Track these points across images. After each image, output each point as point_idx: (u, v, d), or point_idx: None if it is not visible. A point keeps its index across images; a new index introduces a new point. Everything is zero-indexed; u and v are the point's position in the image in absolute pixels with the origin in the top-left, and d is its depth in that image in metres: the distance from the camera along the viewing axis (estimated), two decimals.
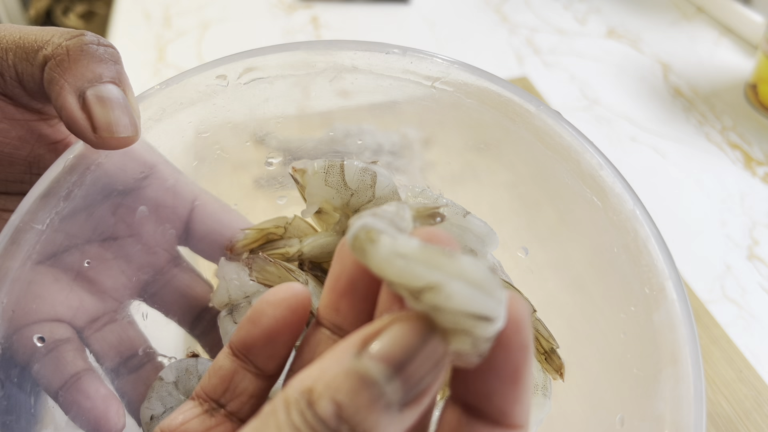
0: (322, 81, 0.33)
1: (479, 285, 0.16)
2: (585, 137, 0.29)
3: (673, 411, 0.26)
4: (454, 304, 0.16)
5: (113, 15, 0.93)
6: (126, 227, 0.35)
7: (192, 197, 0.38)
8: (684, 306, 0.27)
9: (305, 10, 0.94)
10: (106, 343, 0.35)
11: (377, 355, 0.17)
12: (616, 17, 0.94)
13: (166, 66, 0.83)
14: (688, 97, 0.79)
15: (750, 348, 0.52)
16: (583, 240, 0.32)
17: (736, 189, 0.67)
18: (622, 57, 0.86)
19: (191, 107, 0.33)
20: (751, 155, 0.71)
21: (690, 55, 0.86)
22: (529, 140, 0.31)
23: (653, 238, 0.28)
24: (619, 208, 0.29)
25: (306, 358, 0.23)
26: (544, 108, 0.30)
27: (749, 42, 0.86)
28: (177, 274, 0.39)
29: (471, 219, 0.33)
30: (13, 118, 0.31)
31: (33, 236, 0.29)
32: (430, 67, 0.32)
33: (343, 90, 0.37)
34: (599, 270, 0.31)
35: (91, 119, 0.28)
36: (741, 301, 0.56)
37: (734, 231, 0.62)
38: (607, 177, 0.29)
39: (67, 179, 0.30)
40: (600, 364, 0.32)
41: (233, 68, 0.32)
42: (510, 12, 0.95)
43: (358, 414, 0.16)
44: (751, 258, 0.60)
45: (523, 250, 0.36)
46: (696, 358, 0.26)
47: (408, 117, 0.41)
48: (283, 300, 0.22)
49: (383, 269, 0.17)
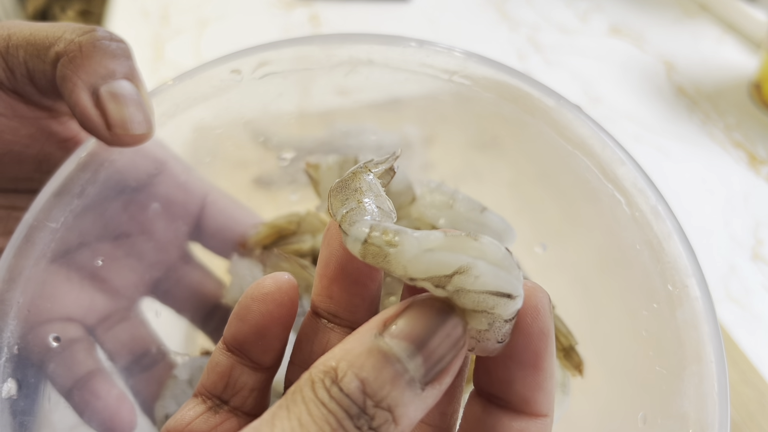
0: (337, 75, 0.33)
1: (501, 264, 0.17)
2: (606, 132, 0.29)
3: (697, 409, 0.26)
4: (481, 284, 0.17)
5: (110, 13, 0.93)
6: (137, 224, 0.35)
7: (203, 193, 0.38)
8: (708, 303, 0.27)
9: (304, 8, 0.93)
10: (118, 342, 0.35)
11: (398, 333, 0.17)
12: (619, 15, 0.94)
13: (164, 64, 0.82)
14: (691, 95, 0.78)
15: (754, 350, 0.51)
16: (603, 236, 0.32)
17: (740, 188, 0.67)
18: (624, 55, 0.86)
19: (204, 102, 0.32)
20: (755, 154, 0.70)
21: (693, 54, 0.85)
22: (549, 135, 0.30)
23: (676, 235, 0.28)
24: (641, 204, 0.28)
25: (305, 349, 0.23)
26: (565, 102, 0.30)
27: (753, 40, 0.86)
28: (188, 272, 0.39)
29: (488, 215, 0.33)
30: (23, 116, 0.31)
31: (47, 234, 0.28)
32: (447, 60, 0.31)
33: (346, 88, 0.37)
34: (620, 266, 0.31)
35: (105, 116, 0.28)
36: (745, 301, 0.56)
37: (738, 231, 0.62)
38: (628, 173, 0.29)
39: (81, 177, 0.30)
40: (621, 361, 0.32)
41: (247, 62, 0.32)
42: (511, 10, 0.95)
43: (383, 389, 0.16)
44: (756, 258, 0.60)
45: (542, 246, 0.35)
46: (720, 356, 0.26)
47: (411, 115, 0.41)
48: (268, 294, 0.22)
49: (411, 267, 0.18)
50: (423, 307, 0.18)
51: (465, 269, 0.17)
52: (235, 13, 0.93)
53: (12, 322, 0.27)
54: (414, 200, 0.35)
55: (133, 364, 0.35)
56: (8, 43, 0.28)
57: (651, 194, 0.28)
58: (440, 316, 0.18)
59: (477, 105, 0.35)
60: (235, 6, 0.94)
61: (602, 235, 0.32)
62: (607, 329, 0.33)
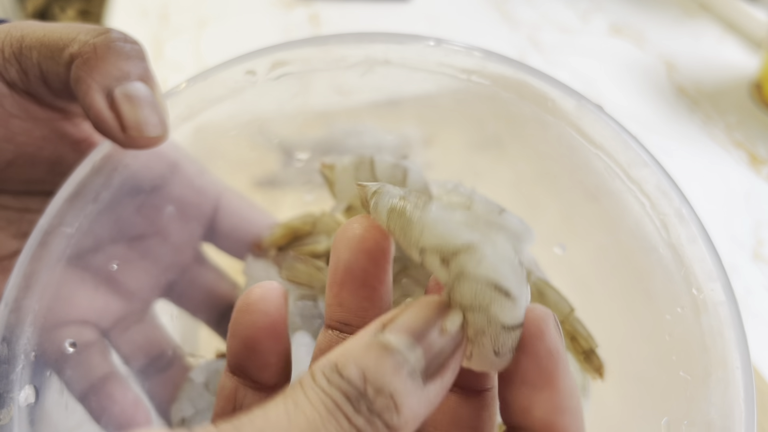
0: (352, 75, 0.32)
1: (506, 257, 0.18)
2: (628, 132, 0.29)
3: (723, 416, 0.25)
4: (483, 269, 0.18)
5: (110, 12, 0.92)
6: (151, 226, 0.35)
7: (216, 194, 0.37)
8: (734, 308, 0.26)
9: (304, 8, 0.93)
10: (133, 344, 0.35)
11: (397, 327, 0.17)
12: (619, 15, 0.94)
13: (164, 65, 0.82)
14: (691, 95, 0.79)
15: (754, 350, 0.51)
16: (625, 238, 0.32)
17: (741, 188, 0.67)
18: (625, 55, 0.86)
19: (219, 104, 0.32)
20: (756, 154, 0.70)
21: (694, 53, 0.86)
22: (569, 135, 0.30)
23: (700, 238, 0.27)
24: (665, 207, 0.28)
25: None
26: (586, 102, 0.30)
27: (754, 40, 0.86)
28: (202, 273, 0.39)
29: (507, 216, 0.33)
30: (36, 118, 0.30)
31: (62, 240, 0.28)
32: (465, 60, 0.31)
33: (347, 88, 0.37)
34: (643, 269, 0.31)
35: (119, 118, 0.27)
36: (746, 302, 0.56)
37: (738, 231, 0.62)
38: (651, 175, 0.28)
39: (95, 181, 0.29)
40: (643, 366, 0.32)
41: (260, 63, 0.31)
42: (512, 9, 0.95)
43: (384, 377, 0.16)
44: (756, 258, 0.60)
45: (560, 246, 0.35)
46: (747, 362, 0.26)
47: (411, 114, 0.41)
48: (252, 304, 0.21)
49: (427, 232, 0.19)
50: (421, 303, 0.18)
51: (472, 248, 0.18)
52: (235, 12, 0.92)
53: (28, 329, 0.26)
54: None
55: (149, 367, 0.35)
56: (21, 44, 0.28)
57: (675, 196, 0.28)
58: (438, 310, 0.18)
59: (477, 105, 0.35)
60: (234, 6, 0.94)
61: (625, 237, 0.32)
62: (629, 333, 0.33)
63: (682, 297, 0.28)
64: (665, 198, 0.28)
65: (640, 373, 0.33)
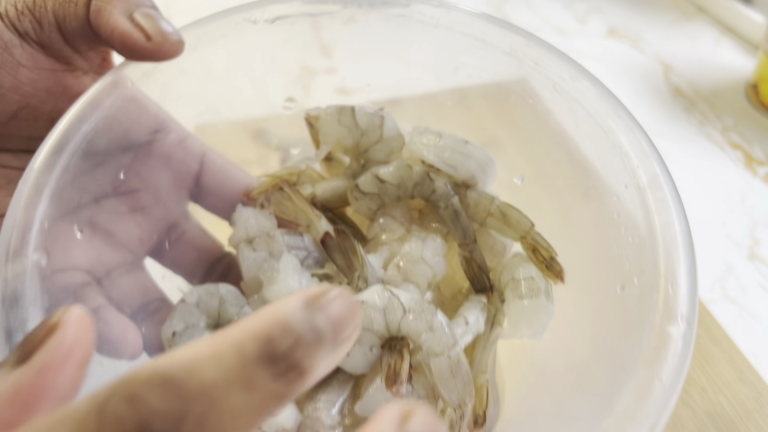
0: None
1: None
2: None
3: (666, 263, 0.29)
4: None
5: None
6: (140, 180, 0.37)
7: (200, 152, 0.40)
8: (668, 180, 0.30)
9: None
10: (125, 291, 0.36)
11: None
12: (617, 17, 0.95)
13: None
14: (688, 96, 0.79)
15: (751, 348, 0.51)
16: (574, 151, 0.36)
17: (737, 189, 0.67)
18: (622, 57, 0.86)
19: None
20: (752, 155, 0.71)
21: (691, 55, 0.86)
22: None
23: (635, 129, 0.35)
24: (603, 107, 0.35)
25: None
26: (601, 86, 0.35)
27: (750, 42, 0.86)
28: (188, 229, 0.41)
29: (471, 147, 0.37)
30: (42, 68, 0.33)
31: (52, 191, 0.30)
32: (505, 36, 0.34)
33: (347, 88, 0.40)
34: (590, 168, 0.36)
35: (143, 31, 0.31)
36: (742, 301, 0.56)
37: (735, 231, 0.63)
38: None
39: (82, 129, 0.31)
40: (596, 250, 0.36)
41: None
42: (510, 11, 0.96)
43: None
44: (752, 258, 0.60)
45: (520, 177, 0.39)
46: (683, 221, 0.29)
47: (411, 114, 0.42)
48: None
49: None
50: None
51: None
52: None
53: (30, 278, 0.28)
54: (404, 145, 0.39)
55: (140, 311, 0.37)
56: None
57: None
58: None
59: (477, 105, 0.36)
60: None
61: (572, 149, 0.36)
62: (583, 226, 0.37)
63: (625, 175, 0.31)
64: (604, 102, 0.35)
65: (595, 259, 0.36)
